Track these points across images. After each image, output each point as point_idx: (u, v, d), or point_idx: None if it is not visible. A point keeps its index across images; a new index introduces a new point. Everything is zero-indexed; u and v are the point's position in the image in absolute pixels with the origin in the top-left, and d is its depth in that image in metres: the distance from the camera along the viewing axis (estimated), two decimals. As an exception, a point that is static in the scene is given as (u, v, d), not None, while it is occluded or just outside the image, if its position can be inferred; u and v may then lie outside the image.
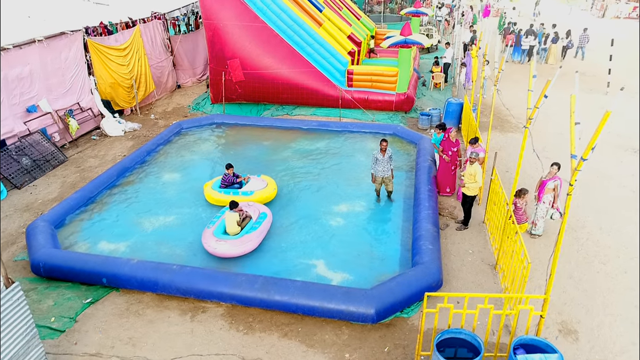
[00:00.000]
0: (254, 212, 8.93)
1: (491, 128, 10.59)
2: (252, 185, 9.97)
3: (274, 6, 15.00)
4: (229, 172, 10.04)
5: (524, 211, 8.57)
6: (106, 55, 14.61)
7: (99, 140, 13.98)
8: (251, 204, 9.28)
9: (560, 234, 5.58)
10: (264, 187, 9.97)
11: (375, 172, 9.56)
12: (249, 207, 9.09)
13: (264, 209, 9.20)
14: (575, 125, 5.42)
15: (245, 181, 10.20)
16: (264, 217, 8.83)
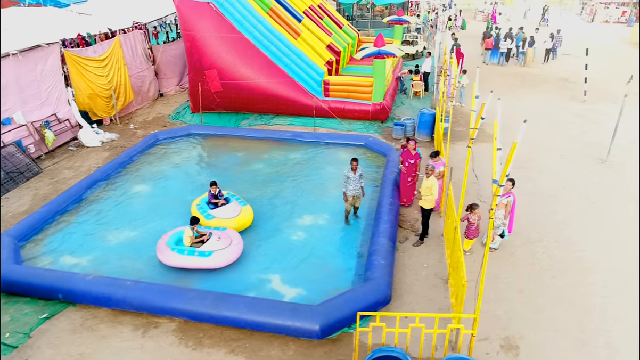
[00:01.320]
0: (225, 239, 8.52)
1: (450, 139, 10.70)
2: (211, 245, 8.47)
3: (251, 17, 15.17)
4: (212, 189, 9.82)
5: (476, 226, 8.69)
6: (84, 67, 14.77)
7: (76, 151, 14.14)
8: (223, 233, 8.76)
9: (485, 255, 5.72)
10: (233, 215, 9.46)
11: (346, 190, 9.57)
12: (221, 234, 8.72)
13: (234, 241, 8.55)
14: (497, 151, 5.53)
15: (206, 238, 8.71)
16: (219, 248, 8.29)
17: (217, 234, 8.52)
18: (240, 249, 8.54)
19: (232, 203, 9.88)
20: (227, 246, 8.28)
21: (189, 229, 8.27)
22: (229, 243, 8.35)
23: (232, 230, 8.82)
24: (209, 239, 8.37)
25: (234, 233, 8.72)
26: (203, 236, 8.40)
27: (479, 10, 40.32)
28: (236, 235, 8.70)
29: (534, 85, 20.14)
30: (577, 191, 11.30)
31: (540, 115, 16.53)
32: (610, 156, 12.83)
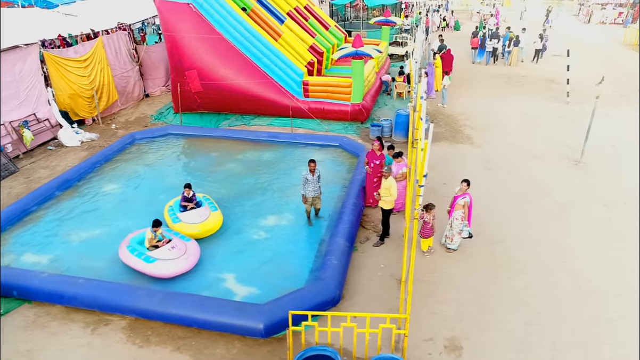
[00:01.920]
0: (177, 250, 8.25)
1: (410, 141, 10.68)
2: (160, 252, 8.22)
3: (230, 18, 15.25)
4: (185, 192, 9.72)
5: (431, 225, 8.70)
6: (64, 67, 14.91)
7: (55, 150, 14.28)
8: (181, 243, 8.49)
9: (412, 252, 5.73)
10: (199, 221, 9.26)
11: (305, 192, 9.57)
12: (178, 243, 8.45)
13: (186, 255, 8.22)
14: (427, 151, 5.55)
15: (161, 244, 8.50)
16: (164, 258, 8.04)
17: (175, 242, 8.34)
18: (188, 264, 8.16)
19: (202, 208, 9.61)
20: (175, 258, 8.04)
21: (150, 231, 8.29)
22: (178, 255, 8.09)
23: (194, 243, 8.64)
24: (163, 246, 8.26)
25: (193, 246, 8.50)
26: (161, 241, 8.39)
27: (477, 11, 40.18)
28: (193, 249, 8.42)
29: (519, 86, 20.09)
30: (546, 193, 11.27)
31: (521, 116, 16.50)
32: (584, 158, 12.77)
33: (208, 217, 9.44)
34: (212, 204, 9.92)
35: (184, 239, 8.54)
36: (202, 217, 9.41)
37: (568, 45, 27.29)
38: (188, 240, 8.56)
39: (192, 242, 8.56)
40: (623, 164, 12.73)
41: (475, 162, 13.00)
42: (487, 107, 17.48)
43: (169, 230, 8.80)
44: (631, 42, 28.21)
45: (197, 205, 9.80)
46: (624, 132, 14.91)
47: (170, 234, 8.61)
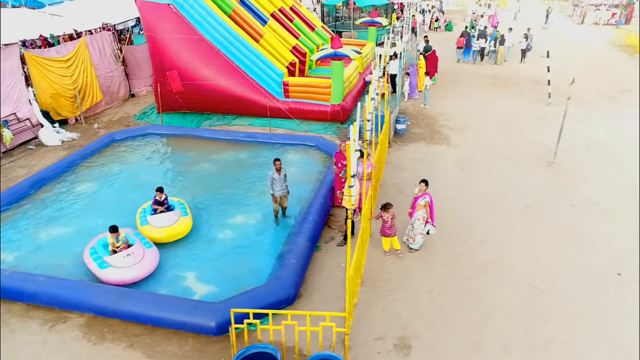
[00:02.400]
0: (133, 257, 8.21)
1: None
2: (115, 259, 8.17)
3: (211, 19, 15.35)
4: (157, 195, 9.66)
5: (390, 224, 8.77)
6: (46, 67, 15.04)
7: (35, 150, 14.41)
8: (139, 250, 8.40)
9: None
10: (165, 225, 9.20)
11: (274, 192, 9.71)
12: (136, 251, 8.37)
13: (139, 264, 8.13)
14: (356, 152, 5.64)
15: (121, 245, 8.49)
16: (116, 265, 8.03)
17: (134, 249, 8.32)
18: (139, 274, 8.09)
19: (172, 212, 9.51)
20: (127, 266, 8.00)
21: (110, 236, 8.35)
22: (131, 264, 8.04)
23: (154, 251, 8.57)
24: (120, 252, 8.27)
25: (152, 254, 8.44)
26: (122, 245, 8.42)
27: (474, 11, 40.13)
28: (150, 258, 8.35)
29: (504, 87, 20.13)
30: (516, 194, 11.32)
31: (501, 117, 16.55)
32: (557, 159, 12.83)
33: (176, 222, 9.36)
34: (184, 209, 9.83)
35: (145, 245, 8.55)
36: (169, 221, 9.33)
37: (560, 46, 27.51)
38: (149, 247, 8.55)
39: (152, 250, 8.52)
40: (595, 165, 12.79)
41: (450, 163, 13.07)
42: (469, 108, 17.54)
43: (137, 234, 8.85)
44: (621, 43, 28.19)
45: (168, 209, 9.74)
46: (602, 132, 14.96)
47: (136, 239, 8.65)
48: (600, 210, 10.57)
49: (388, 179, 12.18)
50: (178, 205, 9.88)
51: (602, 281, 8.31)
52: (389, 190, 11.63)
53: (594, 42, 30.30)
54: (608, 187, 11.54)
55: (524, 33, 24.96)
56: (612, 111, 16.92)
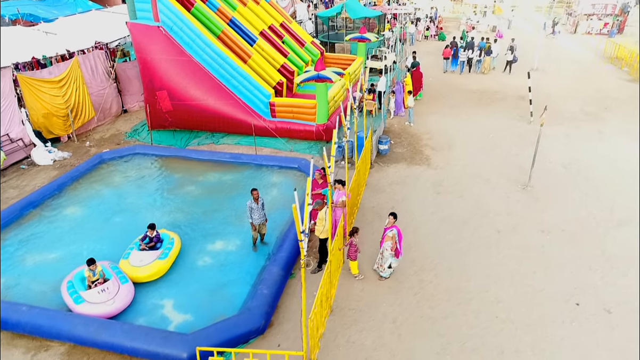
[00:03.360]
0: (108, 293, 8.51)
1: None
2: (89, 294, 8.46)
3: (199, 41, 15.74)
4: (148, 232, 9.81)
5: (357, 248, 9.18)
6: (38, 88, 15.47)
7: (27, 169, 14.83)
8: (114, 286, 8.67)
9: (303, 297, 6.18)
10: (139, 265, 9.29)
11: (252, 220, 10.10)
12: (110, 286, 8.63)
13: (112, 300, 8.43)
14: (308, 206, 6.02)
15: (97, 278, 8.73)
16: (91, 300, 8.34)
17: (109, 284, 8.63)
18: (112, 310, 8.36)
19: (152, 252, 9.58)
20: (100, 302, 8.31)
21: (86, 270, 8.70)
22: (105, 300, 8.35)
23: (129, 287, 8.86)
24: (95, 288, 8.58)
25: (126, 290, 8.73)
26: (96, 280, 8.74)
27: (468, 19, 40.41)
28: (124, 294, 8.63)
29: (490, 103, 20.46)
30: (488, 219, 11.70)
31: (483, 136, 16.87)
32: (532, 181, 13.19)
33: (148, 264, 9.35)
34: (169, 249, 9.80)
35: (121, 280, 8.89)
36: (141, 262, 9.38)
37: (551, 58, 27.81)
38: (125, 282, 8.89)
39: (127, 285, 8.85)
40: (570, 187, 13.13)
41: (428, 185, 13.43)
42: (454, 125, 17.90)
43: (114, 268, 9.23)
44: (610, 56, 28.48)
45: (155, 246, 9.81)
46: (579, 153, 15.28)
47: (112, 272, 9.00)
48: (568, 236, 10.93)
49: (367, 202, 12.56)
50: (166, 245, 9.89)
51: (561, 311, 8.68)
52: (367, 214, 12.02)
53: (585, 53, 30.60)
54: (579, 211, 11.90)
55: (509, 44, 25.43)
56: (592, 130, 17.24)
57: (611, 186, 13.10)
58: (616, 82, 23.63)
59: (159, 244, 9.94)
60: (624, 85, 23.03)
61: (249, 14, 19.01)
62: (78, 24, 20.81)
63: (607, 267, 9.83)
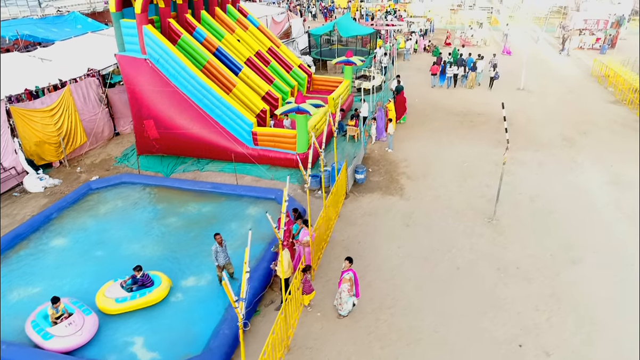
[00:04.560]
0: (74, 326, 9.18)
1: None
2: (57, 329, 9.16)
3: (184, 73, 16.42)
4: (135, 273, 10.32)
5: (310, 284, 9.86)
6: (31, 118, 16.23)
7: (19, 197, 15.59)
8: (80, 319, 9.36)
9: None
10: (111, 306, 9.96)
11: (218, 262, 10.75)
12: (76, 319, 9.36)
13: (79, 332, 9.14)
14: None
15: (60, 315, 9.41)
16: (58, 334, 8.98)
17: (74, 318, 9.34)
18: (81, 340, 9.08)
19: (130, 294, 10.16)
20: (69, 335, 9.02)
21: (50, 307, 9.36)
22: (73, 332, 9.07)
23: (93, 317, 9.60)
24: (62, 322, 9.25)
25: (91, 321, 9.48)
26: (62, 316, 9.41)
27: (462, 32, 40.75)
28: (90, 324, 9.37)
29: (471, 128, 20.97)
30: (451, 254, 12.26)
31: (460, 164, 17.37)
32: (498, 215, 13.74)
33: (118, 303, 10.05)
34: (148, 291, 10.29)
35: (85, 312, 9.60)
36: (124, 297, 10.12)
37: (538, 76, 28.23)
38: (88, 314, 9.61)
39: (92, 317, 9.58)
40: (533, 221, 13.65)
41: (399, 218, 14.00)
42: (432, 151, 18.46)
43: (75, 302, 9.91)
44: (598, 74, 28.86)
45: (144, 285, 10.34)
46: (549, 184, 15.77)
47: (74, 307, 9.69)
48: (522, 274, 11.48)
49: (338, 235, 13.17)
50: (157, 285, 10.48)
51: (503, 353, 9.26)
52: (336, 248, 12.63)
53: (574, 70, 31.01)
54: (537, 248, 12.44)
55: (489, 60, 26.26)
56: (566, 158, 17.72)
57: (573, 221, 13.61)
58: (599, 104, 24.05)
59: (148, 284, 10.43)
60: (605, 108, 23.46)
61: (235, 42, 19.70)
62: (73, 48, 21.60)
63: (554, 307, 10.39)
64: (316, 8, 56.62)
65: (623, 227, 13.36)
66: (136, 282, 10.40)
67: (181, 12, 18.14)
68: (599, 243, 12.64)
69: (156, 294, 10.32)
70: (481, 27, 47.22)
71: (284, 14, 37.52)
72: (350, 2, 61.73)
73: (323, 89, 23.35)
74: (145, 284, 10.37)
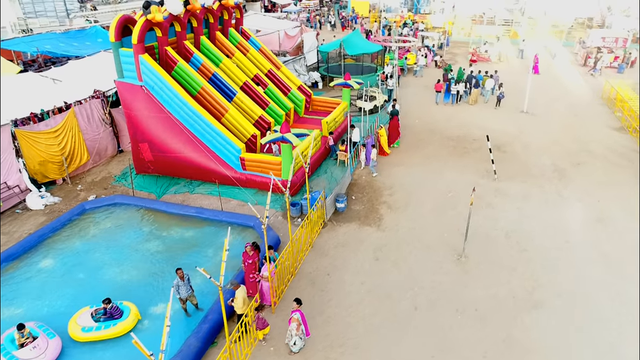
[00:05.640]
0: (38, 350, 9.99)
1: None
2: (23, 352, 9.96)
3: (177, 100, 17.20)
4: (103, 305, 10.95)
5: (264, 321, 10.36)
6: (35, 140, 17.35)
7: (21, 214, 16.70)
8: (44, 343, 10.14)
9: None
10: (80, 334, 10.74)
11: (180, 295, 11.40)
12: (40, 343, 10.10)
13: (43, 355, 9.91)
14: None
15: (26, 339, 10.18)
16: (24, 357, 9.73)
17: (39, 341, 10.14)
18: None
19: (96, 325, 10.81)
20: (34, 357, 9.80)
21: (16, 333, 10.17)
22: (37, 355, 9.83)
23: (56, 340, 10.39)
24: (27, 346, 10.06)
25: (54, 344, 10.26)
26: (27, 339, 10.21)
27: (476, 47, 40.40)
28: (53, 347, 10.16)
29: (463, 154, 20.99)
30: (413, 292, 12.52)
31: (443, 194, 17.46)
32: (468, 252, 13.89)
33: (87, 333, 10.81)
34: (118, 321, 11.01)
35: (49, 336, 10.43)
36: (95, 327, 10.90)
37: (546, 99, 27.83)
38: (52, 337, 10.44)
39: (55, 340, 10.41)
40: (504, 259, 13.73)
41: (370, 250, 14.32)
42: (419, 179, 18.64)
43: (41, 327, 10.73)
44: (608, 97, 28.23)
45: (113, 316, 11.02)
46: (528, 219, 15.75)
47: (39, 331, 10.51)
48: (480, 316, 11.66)
49: (307, 267, 13.62)
50: (126, 316, 11.20)
51: (441, 399, 9.53)
52: (302, 280, 13.09)
53: (585, 91, 30.40)
54: (501, 289, 12.56)
55: (500, 83, 26.84)
56: (553, 191, 17.59)
57: (544, 261, 13.63)
58: (602, 130, 23.62)
59: (117, 316, 11.13)
60: (608, 135, 23.03)
61: (233, 66, 20.40)
62: (84, 68, 22.78)
63: (504, 354, 10.55)
64: (335, 17, 57.05)
65: (596, 270, 13.28)
66: (105, 313, 11.11)
67: (180, 38, 18.97)
68: (565, 287, 12.65)
69: (121, 327, 11.02)
70: (499, 40, 46.69)
71: (298, 28, 38.14)
72: (371, 11, 61.99)
73: (322, 109, 23.80)
74: (113, 316, 11.06)
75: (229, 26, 22.11)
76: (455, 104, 27.74)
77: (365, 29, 48.57)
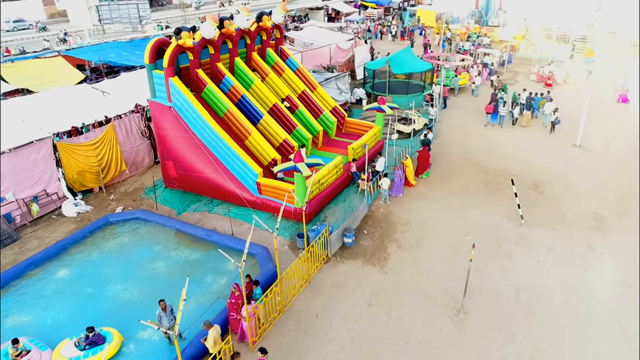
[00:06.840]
0: (35, 355, 10.87)
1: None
2: None
3: (200, 122, 17.83)
4: (88, 333, 11.43)
5: None
6: (74, 151, 18.79)
7: (56, 219, 18.17)
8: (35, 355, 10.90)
9: None
10: None
11: (163, 325, 11.77)
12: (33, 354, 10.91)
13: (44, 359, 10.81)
14: None
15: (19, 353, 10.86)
16: None
17: (32, 354, 10.96)
18: None
19: (83, 353, 11.27)
20: None
21: (11, 347, 11.09)
22: None
23: (48, 353, 11.11)
24: (21, 359, 10.86)
25: (47, 356, 11.07)
26: (21, 353, 11.05)
27: (540, 68, 37.75)
28: None
29: (494, 191, 19.79)
30: (397, 347, 12.02)
31: (460, 236, 16.48)
32: (468, 308, 13.11)
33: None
34: (100, 347, 11.43)
35: (41, 349, 11.23)
36: None
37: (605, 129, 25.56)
38: (44, 350, 11.24)
39: (47, 352, 11.21)
40: (506, 322, 12.78)
41: (366, 295, 13.91)
42: (438, 216, 17.86)
43: (32, 341, 11.54)
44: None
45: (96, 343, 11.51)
46: (546, 277, 14.51)
47: (31, 345, 11.32)
48: (463, 385, 10.98)
49: (298, 305, 13.56)
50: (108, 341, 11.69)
51: None
52: (289, 318, 13.06)
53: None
54: (492, 356, 11.71)
55: (555, 107, 25.42)
56: (584, 244, 16.06)
57: (552, 329, 12.53)
58: (662, 174, 21.22)
59: (100, 343, 11.68)
60: (668, 180, 20.64)
61: (264, 88, 20.73)
62: (134, 80, 24.26)
63: None
64: (397, 28, 56.05)
65: (609, 345, 12.00)
66: (87, 341, 11.69)
67: (213, 60, 19.61)
68: (569, 362, 11.57)
69: (108, 351, 11.60)
70: (572, 58, 43.44)
71: (351, 42, 37.95)
72: (438, 21, 60.12)
73: (354, 132, 23.49)
74: (97, 342, 11.71)
75: (267, 46, 22.51)
76: (511, 126, 27.29)
77: (425, 42, 47.27)
